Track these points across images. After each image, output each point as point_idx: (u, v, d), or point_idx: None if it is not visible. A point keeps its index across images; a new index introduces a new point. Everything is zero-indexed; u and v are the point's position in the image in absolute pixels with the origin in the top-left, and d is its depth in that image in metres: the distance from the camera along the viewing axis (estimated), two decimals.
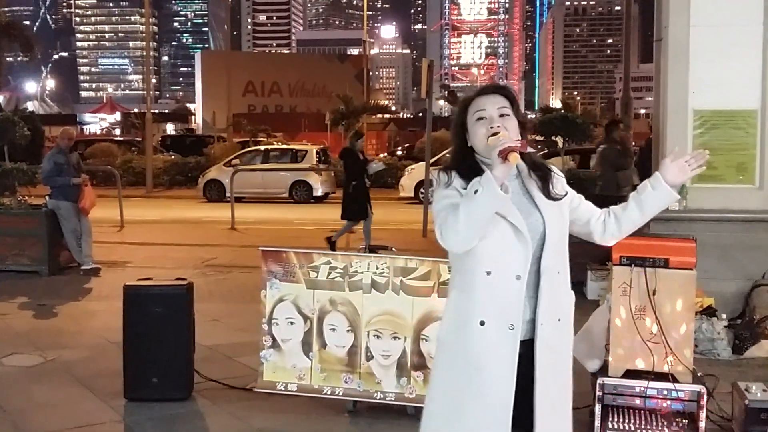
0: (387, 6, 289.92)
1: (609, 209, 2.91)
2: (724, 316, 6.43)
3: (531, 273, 2.66)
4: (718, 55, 7.17)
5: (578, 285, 8.75)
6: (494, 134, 2.61)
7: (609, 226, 2.88)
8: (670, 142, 7.40)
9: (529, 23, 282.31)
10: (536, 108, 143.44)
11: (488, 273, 2.64)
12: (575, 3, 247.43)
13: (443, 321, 2.81)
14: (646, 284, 4.42)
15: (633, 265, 4.44)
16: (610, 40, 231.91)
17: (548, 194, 2.73)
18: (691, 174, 2.80)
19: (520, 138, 2.64)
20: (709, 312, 6.38)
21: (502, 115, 2.70)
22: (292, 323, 5.16)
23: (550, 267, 2.68)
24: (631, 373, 4.46)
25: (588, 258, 8.67)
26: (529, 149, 2.68)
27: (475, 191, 2.51)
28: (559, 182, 2.80)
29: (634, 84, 18.71)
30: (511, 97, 2.76)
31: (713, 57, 7.15)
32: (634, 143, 14.36)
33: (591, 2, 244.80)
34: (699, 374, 4.57)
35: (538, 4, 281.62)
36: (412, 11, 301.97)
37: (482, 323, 2.64)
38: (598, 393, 4.45)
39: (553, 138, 10.91)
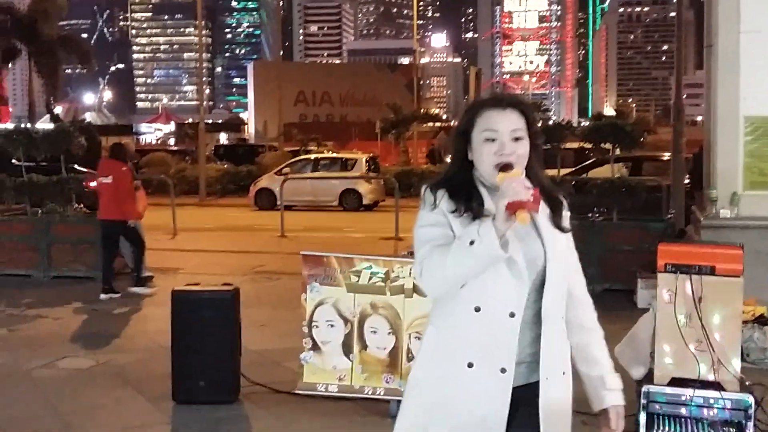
0: (437, 15, 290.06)
1: (581, 315, 2.50)
2: None
3: (528, 314, 2.30)
4: None
5: (628, 293, 8.65)
6: (505, 166, 2.25)
7: (572, 312, 2.45)
8: (721, 149, 7.30)
9: (581, 30, 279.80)
10: (590, 115, 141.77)
11: (477, 309, 2.28)
12: (629, 10, 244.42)
13: (419, 359, 2.41)
14: (692, 291, 4.36)
15: (678, 272, 4.37)
16: (665, 47, 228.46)
17: (558, 223, 2.35)
18: None
19: (531, 187, 2.16)
20: (761, 321, 6.26)
21: (516, 139, 2.31)
22: (332, 326, 5.22)
23: (552, 311, 2.31)
24: (677, 382, 4.39)
25: (638, 266, 8.57)
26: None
27: (471, 241, 2.16)
28: (567, 218, 2.44)
29: (691, 91, 18.42)
30: (529, 114, 2.35)
31: (764, 63, 7.03)
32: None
33: (645, 9, 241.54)
34: (747, 383, 4.48)
35: (590, 12, 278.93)
36: (463, 20, 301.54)
37: (470, 365, 2.28)
38: (643, 401, 4.38)
39: (602, 146, 10.81)
